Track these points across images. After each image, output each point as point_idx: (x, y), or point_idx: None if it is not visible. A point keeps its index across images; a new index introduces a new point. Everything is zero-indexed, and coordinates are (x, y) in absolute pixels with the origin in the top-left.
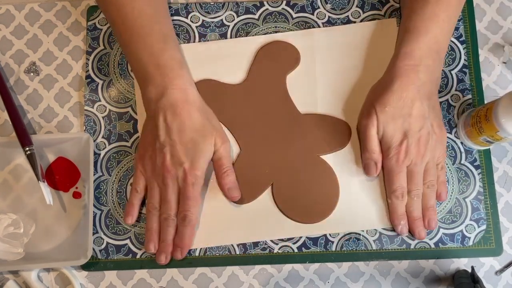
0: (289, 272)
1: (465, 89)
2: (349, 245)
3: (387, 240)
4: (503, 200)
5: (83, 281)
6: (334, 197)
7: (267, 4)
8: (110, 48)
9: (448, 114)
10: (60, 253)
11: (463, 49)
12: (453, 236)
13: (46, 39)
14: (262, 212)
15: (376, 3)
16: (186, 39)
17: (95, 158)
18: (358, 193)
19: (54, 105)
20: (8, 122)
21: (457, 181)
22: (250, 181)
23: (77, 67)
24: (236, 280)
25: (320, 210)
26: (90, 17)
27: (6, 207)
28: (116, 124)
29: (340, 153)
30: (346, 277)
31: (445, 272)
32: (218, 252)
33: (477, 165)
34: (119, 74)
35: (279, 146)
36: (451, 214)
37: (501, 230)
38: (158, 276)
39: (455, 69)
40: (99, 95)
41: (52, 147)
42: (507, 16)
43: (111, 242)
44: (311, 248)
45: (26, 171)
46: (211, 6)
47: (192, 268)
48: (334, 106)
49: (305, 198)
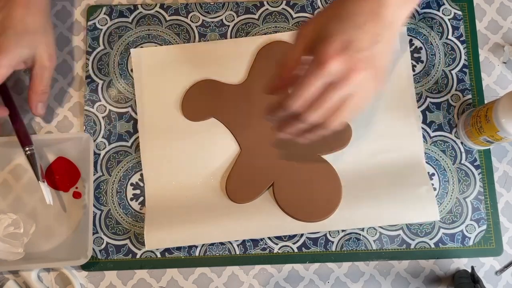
0: (289, 272)
1: (465, 89)
2: (349, 245)
3: (387, 240)
4: (503, 200)
5: (83, 281)
6: (337, 195)
7: (267, 4)
8: (110, 48)
9: (448, 114)
10: (60, 253)
11: (463, 49)
12: (453, 236)
13: None
14: (263, 210)
15: None
16: (186, 39)
17: (95, 158)
18: (359, 192)
19: (54, 105)
20: (8, 122)
21: (457, 181)
22: (251, 180)
23: (77, 67)
24: (236, 280)
25: (323, 209)
26: (90, 17)
27: (6, 207)
28: (116, 124)
29: (340, 153)
30: (346, 277)
31: (445, 272)
32: (218, 252)
33: (477, 165)
34: (119, 74)
35: (279, 146)
36: (452, 214)
37: (501, 230)
38: (158, 276)
39: (455, 69)
40: (99, 95)
41: (52, 147)
42: (507, 16)
43: (111, 242)
44: (311, 248)
45: (26, 171)
46: (211, 6)
47: (192, 268)
48: None
49: (308, 196)
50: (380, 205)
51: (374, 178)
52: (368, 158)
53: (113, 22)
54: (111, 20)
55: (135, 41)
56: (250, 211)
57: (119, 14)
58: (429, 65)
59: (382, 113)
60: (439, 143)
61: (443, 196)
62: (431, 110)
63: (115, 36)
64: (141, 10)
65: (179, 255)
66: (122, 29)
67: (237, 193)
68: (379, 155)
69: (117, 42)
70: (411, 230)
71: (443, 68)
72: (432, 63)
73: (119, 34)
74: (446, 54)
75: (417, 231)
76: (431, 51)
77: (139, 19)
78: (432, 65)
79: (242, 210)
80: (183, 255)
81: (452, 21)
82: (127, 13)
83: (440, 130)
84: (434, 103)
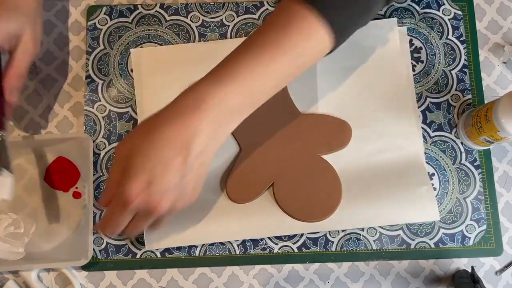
0: (289, 272)
1: (465, 89)
2: (349, 245)
3: (387, 240)
4: (503, 200)
5: (83, 281)
6: (337, 195)
7: (267, 4)
8: (110, 48)
9: (448, 114)
10: (60, 253)
11: (463, 49)
12: (453, 236)
13: (46, 39)
14: (263, 210)
15: None
16: (186, 39)
17: (95, 158)
18: (359, 192)
19: (54, 105)
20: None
21: (457, 181)
22: (251, 180)
23: (77, 67)
24: (236, 280)
25: (323, 209)
26: (90, 17)
27: (6, 207)
28: (116, 124)
29: (340, 153)
30: (346, 277)
31: (445, 272)
32: (218, 252)
33: (477, 165)
34: (119, 74)
35: (279, 146)
36: (452, 214)
37: (501, 230)
38: (158, 276)
39: (455, 69)
40: (99, 95)
41: (52, 147)
42: (507, 16)
43: (111, 242)
44: (311, 248)
45: (26, 171)
46: (211, 6)
47: (192, 268)
48: (334, 106)
49: (308, 196)
50: (380, 205)
51: (374, 178)
52: (368, 158)
53: (113, 22)
54: (111, 20)
55: (135, 41)
56: (250, 211)
57: (119, 14)
58: (429, 65)
59: (382, 113)
60: (439, 143)
61: (443, 196)
62: (431, 110)
63: (115, 36)
64: (141, 10)
65: (179, 255)
66: (122, 29)
67: (237, 193)
68: (379, 155)
69: (117, 42)
70: (411, 230)
71: (443, 68)
72: (432, 63)
73: (119, 34)
74: (446, 54)
75: (417, 231)
76: (431, 51)
77: (139, 19)
78: (432, 65)
79: (242, 210)
80: (183, 255)
81: (452, 21)
82: (127, 13)
83: (440, 130)
84: (434, 103)
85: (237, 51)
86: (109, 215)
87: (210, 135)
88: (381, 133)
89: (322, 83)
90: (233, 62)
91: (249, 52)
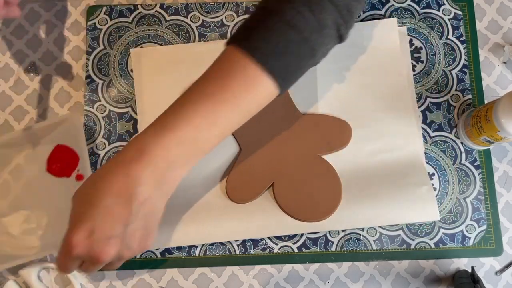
0: (289, 272)
1: (465, 89)
2: (349, 245)
3: (387, 240)
4: (503, 200)
5: (83, 281)
6: (337, 195)
7: None
8: (110, 48)
9: (448, 114)
10: None
11: (463, 49)
12: (453, 236)
13: (46, 39)
14: (263, 210)
15: (376, 3)
16: (186, 39)
17: (95, 158)
18: (359, 192)
19: (54, 105)
20: (8, 122)
21: (457, 181)
22: (251, 180)
23: (77, 67)
24: (236, 280)
25: (323, 209)
26: (90, 17)
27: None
28: (116, 124)
29: (340, 153)
30: (346, 277)
31: (445, 272)
32: (218, 252)
33: (477, 165)
34: (119, 74)
35: (279, 146)
36: (452, 214)
37: (501, 230)
38: (158, 276)
39: (455, 69)
40: (99, 95)
41: (47, 137)
42: (507, 16)
43: None
44: (311, 248)
45: (28, 167)
46: (211, 6)
47: (192, 268)
48: (334, 106)
49: (308, 196)
50: (380, 205)
51: (374, 178)
52: (368, 158)
53: (113, 22)
54: (111, 20)
55: (135, 41)
56: (250, 211)
57: (119, 14)
58: (429, 65)
59: (382, 113)
60: (439, 143)
61: (443, 196)
62: (431, 110)
63: (115, 36)
64: (141, 10)
65: (179, 255)
66: (122, 29)
67: (237, 193)
68: (379, 155)
69: (117, 42)
70: (411, 230)
71: (443, 68)
72: (432, 63)
73: (119, 34)
74: (446, 54)
75: (417, 231)
76: (431, 51)
77: (139, 19)
78: (432, 65)
79: (242, 210)
80: (183, 255)
81: (452, 21)
82: (127, 13)
83: (440, 130)
84: (434, 103)
85: (178, 101)
86: (58, 258)
87: (153, 184)
88: (381, 133)
89: (322, 83)
90: (173, 112)
91: (189, 103)
